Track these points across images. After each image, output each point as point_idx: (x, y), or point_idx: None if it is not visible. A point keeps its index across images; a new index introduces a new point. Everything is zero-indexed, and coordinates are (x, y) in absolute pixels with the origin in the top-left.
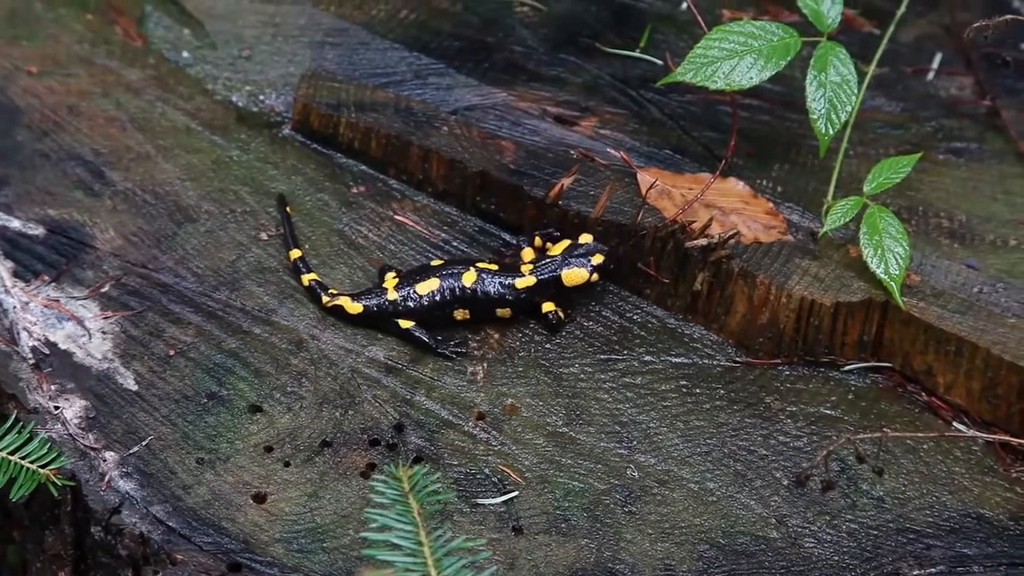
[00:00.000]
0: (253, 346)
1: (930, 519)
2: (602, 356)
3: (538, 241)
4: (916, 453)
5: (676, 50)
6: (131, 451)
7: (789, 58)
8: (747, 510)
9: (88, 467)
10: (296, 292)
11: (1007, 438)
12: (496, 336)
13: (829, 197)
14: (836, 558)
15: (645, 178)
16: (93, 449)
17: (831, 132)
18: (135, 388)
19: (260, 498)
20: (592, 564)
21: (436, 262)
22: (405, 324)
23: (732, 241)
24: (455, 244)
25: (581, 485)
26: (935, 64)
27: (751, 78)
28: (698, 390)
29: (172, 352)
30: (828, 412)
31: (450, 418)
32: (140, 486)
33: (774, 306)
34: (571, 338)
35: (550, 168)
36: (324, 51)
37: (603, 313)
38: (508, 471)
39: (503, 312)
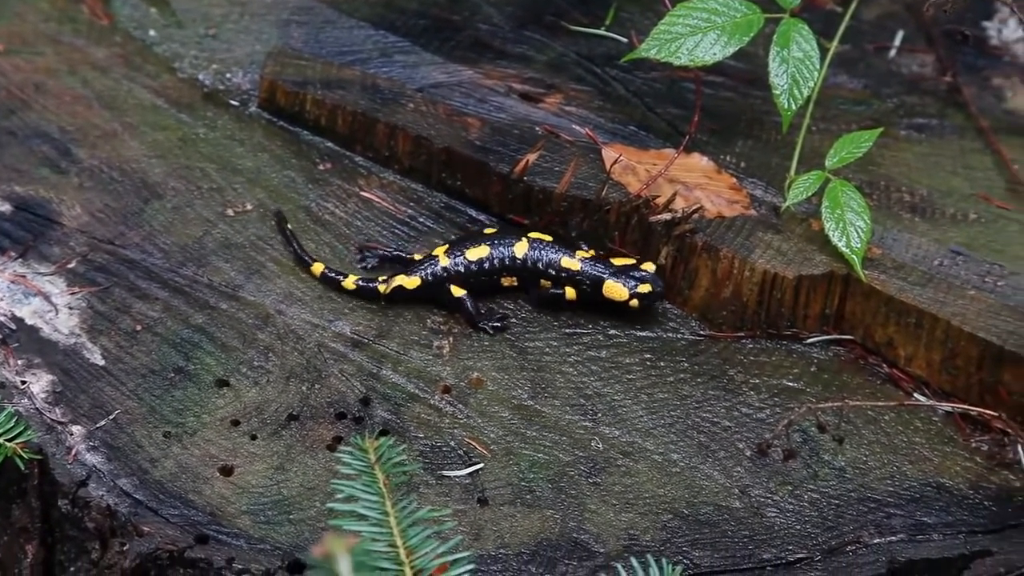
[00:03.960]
0: (220, 321)
1: (891, 488)
2: (567, 330)
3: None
4: (877, 424)
5: (641, 28)
6: (98, 425)
7: (752, 34)
8: (710, 481)
9: (55, 441)
10: (263, 267)
11: (966, 407)
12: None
13: (792, 172)
14: (798, 527)
15: (609, 154)
16: (60, 423)
17: (793, 107)
18: (102, 363)
19: (227, 471)
20: (557, 534)
21: (489, 230)
22: (457, 292)
23: (696, 216)
24: (421, 220)
25: (546, 457)
26: (897, 41)
27: (714, 54)
28: (662, 363)
29: (139, 327)
30: (791, 384)
31: (416, 391)
32: (107, 459)
33: (737, 280)
34: (536, 312)
35: (515, 144)
36: (290, 29)
37: None
38: (474, 443)
39: (545, 284)
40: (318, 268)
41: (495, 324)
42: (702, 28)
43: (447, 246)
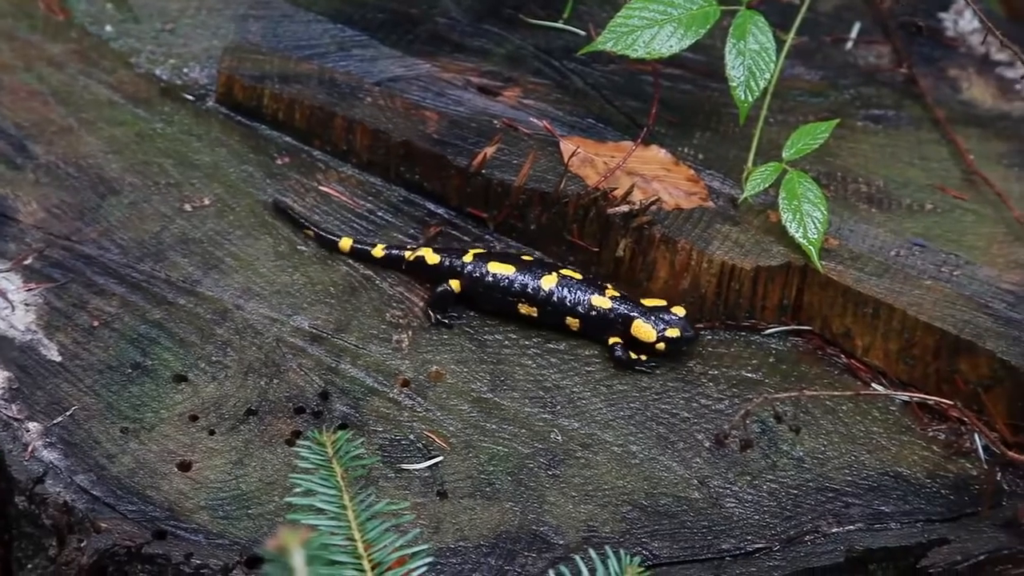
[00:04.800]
0: (178, 316)
1: (849, 478)
2: (526, 322)
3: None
4: (835, 414)
5: (599, 21)
6: (55, 421)
7: (708, 27)
8: (669, 472)
9: (11, 438)
10: (221, 262)
11: (923, 396)
12: (421, 304)
13: (749, 164)
14: (756, 517)
15: (567, 146)
16: (16, 419)
17: (750, 99)
18: (59, 359)
19: (185, 466)
20: (516, 527)
21: (527, 257)
22: (453, 284)
23: (653, 208)
24: (380, 214)
25: (505, 449)
26: (854, 33)
27: (671, 46)
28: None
29: (96, 323)
30: (749, 375)
31: (375, 385)
32: (64, 456)
33: (695, 271)
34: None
35: (473, 138)
36: (248, 24)
37: None
38: (433, 436)
39: (572, 322)
40: (346, 243)
41: (441, 320)
42: (658, 21)
43: (483, 250)
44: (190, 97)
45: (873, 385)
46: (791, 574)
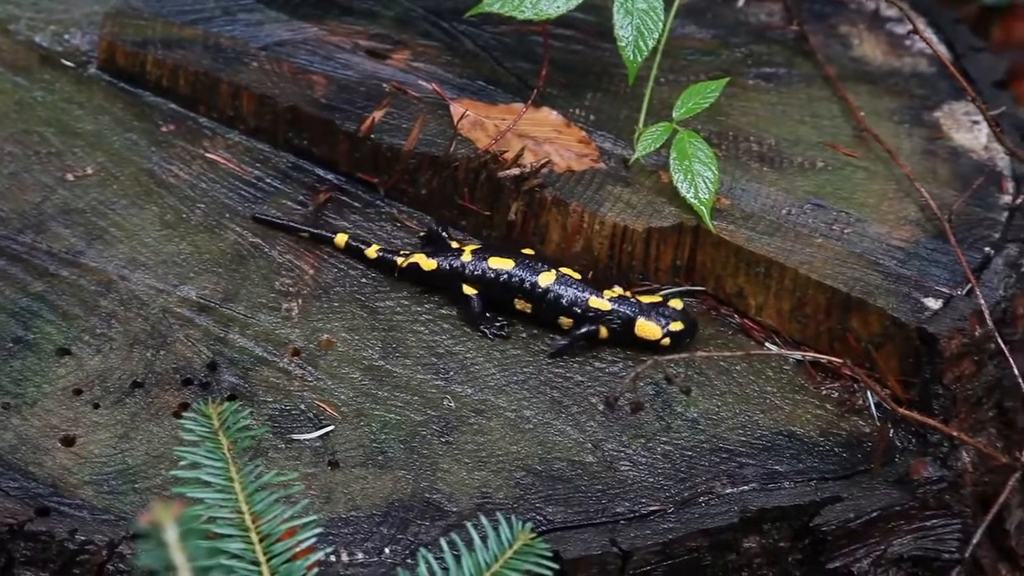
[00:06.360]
0: (60, 289)
1: (743, 438)
2: (418, 289)
3: (617, 290)
4: (729, 374)
5: None
6: None
7: None
8: (563, 436)
9: None
10: (105, 232)
11: (814, 355)
12: (311, 272)
13: (640, 124)
14: (651, 479)
15: (457, 109)
16: None
17: (639, 59)
18: None
19: (69, 441)
20: (408, 495)
21: (527, 250)
22: (468, 290)
23: (544, 170)
24: (268, 180)
25: (398, 417)
26: None
27: (558, 7)
28: (515, 319)
29: None
30: None
31: (264, 355)
32: None
33: (588, 233)
34: (387, 271)
35: (362, 102)
36: None
37: None
38: (324, 406)
39: (565, 321)
40: (342, 239)
41: (496, 332)
42: None
43: (479, 245)
44: (71, 64)
45: (766, 344)
46: (685, 536)
